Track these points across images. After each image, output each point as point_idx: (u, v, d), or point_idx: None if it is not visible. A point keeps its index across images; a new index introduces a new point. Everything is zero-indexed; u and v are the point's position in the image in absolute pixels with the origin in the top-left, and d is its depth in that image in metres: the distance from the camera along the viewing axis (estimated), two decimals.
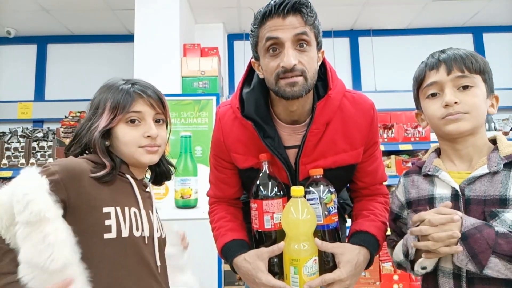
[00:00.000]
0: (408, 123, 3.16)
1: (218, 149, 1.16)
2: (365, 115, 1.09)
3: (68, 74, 4.04)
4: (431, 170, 0.98)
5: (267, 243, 1.01)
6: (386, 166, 3.02)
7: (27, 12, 3.53)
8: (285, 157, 1.06)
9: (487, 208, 0.86)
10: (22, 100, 3.93)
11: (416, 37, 4.13)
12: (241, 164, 1.12)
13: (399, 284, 2.76)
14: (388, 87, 3.99)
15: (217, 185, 1.21)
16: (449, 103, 0.91)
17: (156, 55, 2.91)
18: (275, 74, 0.96)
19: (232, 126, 1.11)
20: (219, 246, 1.11)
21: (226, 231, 1.11)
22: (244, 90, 1.10)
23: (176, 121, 2.73)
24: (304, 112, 1.06)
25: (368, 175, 1.15)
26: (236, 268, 1.06)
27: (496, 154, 0.91)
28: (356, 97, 1.11)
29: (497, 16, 3.91)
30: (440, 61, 0.95)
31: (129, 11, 3.28)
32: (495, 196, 0.86)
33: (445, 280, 0.91)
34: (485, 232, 0.80)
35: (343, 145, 1.07)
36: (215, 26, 3.81)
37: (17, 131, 3.35)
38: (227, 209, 1.19)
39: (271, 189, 1.01)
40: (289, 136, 1.08)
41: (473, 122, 0.91)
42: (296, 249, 0.93)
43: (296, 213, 0.92)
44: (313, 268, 0.93)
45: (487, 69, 0.94)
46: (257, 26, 0.98)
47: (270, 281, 0.95)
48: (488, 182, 0.89)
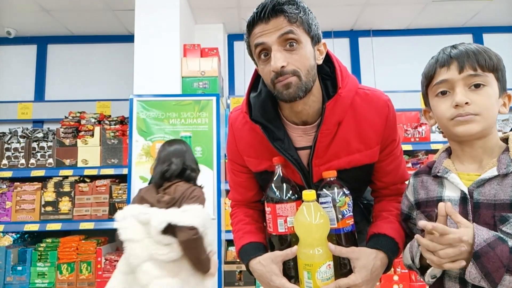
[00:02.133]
0: (408, 123, 3.16)
1: (232, 153, 1.18)
2: (379, 112, 1.04)
3: (68, 75, 4.04)
4: (440, 172, 0.95)
5: (282, 246, 1.00)
6: None
7: (27, 12, 3.53)
8: (296, 158, 1.05)
9: (497, 212, 0.83)
10: (22, 100, 3.93)
11: (416, 38, 4.13)
12: (254, 168, 1.13)
13: (399, 285, 2.76)
14: (388, 87, 3.99)
15: (235, 188, 1.23)
16: (459, 103, 0.86)
17: (156, 55, 2.91)
18: (270, 80, 0.96)
19: (243, 130, 1.12)
20: (237, 248, 1.13)
21: (243, 234, 1.13)
22: (251, 95, 1.10)
23: (176, 121, 2.73)
24: (312, 113, 1.03)
25: (387, 174, 1.11)
26: (252, 271, 1.07)
27: (506, 155, 0.87)
28: (369, 93, 1.06)
29: (497, 16, 3.91)
30: (452, 57, 0.89)
31: (129, 12, 3.28)
32: (505, 200, 0.82)
33: (451, 284, 0.90)
34: (499, 250, 0.77)
35: (357, 145, 1.04)
36: (215, 27, 3.81)
37: (17, 132, 3.35)
38: (246, 212, 1.21)
39: (284, 193, 1.00)
40: (300, 137, 1.07)
41: (484, 124, 0.86)
42: (310, 254, 0.92)
43: (309, 218, 0.90)
44: (327, 273, 0.92)
45: (500, 67, 0.89)
46: (248, 36, 0.99)
47: (284, 284, 0.95)
48: (498, 185, 0.85)
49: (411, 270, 1.00)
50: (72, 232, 3.10)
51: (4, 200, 2.96)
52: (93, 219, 2.88)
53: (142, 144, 2.70)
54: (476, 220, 0.86)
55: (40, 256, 2.84)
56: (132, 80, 2.87)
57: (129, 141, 2.72)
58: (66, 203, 2.91)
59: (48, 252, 2.83)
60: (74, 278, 2.79)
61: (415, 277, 2.78)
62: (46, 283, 2.78)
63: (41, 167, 3.01)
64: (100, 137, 3.03)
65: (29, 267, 2.81)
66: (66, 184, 2.96)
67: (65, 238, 2.92)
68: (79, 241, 2.89)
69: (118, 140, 3.04)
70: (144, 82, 2.86)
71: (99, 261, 2.81)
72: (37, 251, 2.85)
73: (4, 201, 2.96)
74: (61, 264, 2.80)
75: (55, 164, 3.00)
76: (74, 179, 3.02)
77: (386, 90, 4.48)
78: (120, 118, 3.30)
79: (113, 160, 3.00)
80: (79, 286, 2.79)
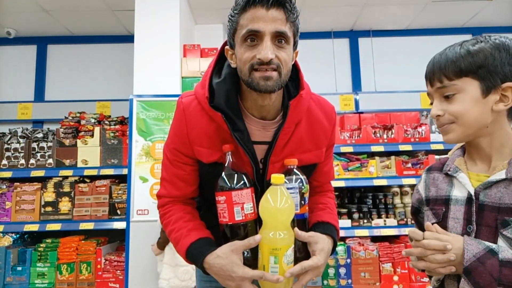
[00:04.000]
0: (408, 123, 3.15)
1: (179, 142, 1.07)
2: (329, 117, 1.13)
3: (68, 75, 4.03)
4: (451, 170, 0.96)
5: (239, 236, 0.97)
6: (386, 167, 3.02)
7: (27, 12, 3.53)
8: (253, 152, 1.04)
9: (500, 216, 0.83)
10: (22, 100, 3.93)
11: (416, 38, 4.13)
12: (205, 159, 1.06)
13: (399, 285, 2.76)
14: (388, 87, 3.99)
15: (174, 182, 1.11)
16: (432, 117, 0.92)
17: (156, 55, 2.91)
18: (249, 65, 0.93)
19: (197, 117, 1.04)
20: (183, 248, 1.02)
21: (188, 232, 1.04)
22: (214, 80, 1.04)
23: None
24: (273, 109, 1.05)
25: (323, 174, 1.20)
26: (207, 267, 0.98)
27: None
28: (321, 100, 1.14)
29: (497, 16, 3.91)
30: (427, 72, 0.94)
31: (129, 12, 3.28)
32: (510, 204, 0.82)
33: (450, 282, 0.92)
34: (488, 264, 0.77)
35: (309, 145, 1.09)
36: (215, 27, 3.82)
37: (17, 132, 3.34)
38: (185, 209, 1.11)
39: (239, 180, 0.98)
40: (258, 131, 1.06)
41: (462, 129, 0.88)
42: (278, 238, 0.91)
43: (279, 201, 0.91)
44: (291, 257, 0.93)
45: (486, 63, 0.85)
46: (237, 12, 0.95)
47: (247, 272, 0.92)
48: (504, 188, 0.84)
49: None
50: (72, 232, 3.10)
51: (4, 201, 2.95)
52: (93, 219, 2.87)
53: (142, 144, 2.70)
54: (479, 221, 0.86)
55: (40, 257, 2.84)
56: (132, 80, 2.87)
57: (129, 141, 2.72)
58: (66, 203, 2.91)
59: (48, 253, 2.83)
60: (74, 278, 2.78)
61: (415, 277, 2.78)
62: (46, 283, 2.78)
63: (41, 167, 3.01)
64: (100, 137, 3.03)
65: (29, 268, 2.81)
66: (66, 185, 2.96)
67: (65, 238, 2.91)
68: (79, 242, 2.89)
69: (118, 140, 3.03)
70: (144, 82, 2.86)
71: (99, 261, 2.80)
72: (37, 251, 2.85)
73: (4, 201, 2.95)
74: (61, 264, 2.79)
75: (55, 164, 3.00)
76: (74, 179, 3.02)
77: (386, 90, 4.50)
78: (120, 118, 3.30)
79: (113, 160, 3.00)
80: (79, 287, 2.78)
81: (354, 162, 3.04)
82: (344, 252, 2.83)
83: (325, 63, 4.10)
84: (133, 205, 2.63)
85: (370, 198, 3.16)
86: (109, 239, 3.09)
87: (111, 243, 3.07)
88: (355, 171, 3.01)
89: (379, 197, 3.14)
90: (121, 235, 2.94)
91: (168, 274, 2.26)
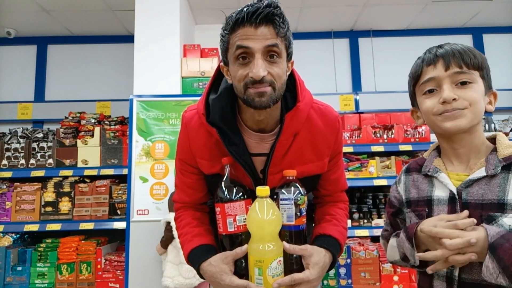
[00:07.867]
0: (408, 123, 3.16)
1: (184, 153, 1.14)
2: (332, 127, 1.11)
3: (68, 75, 4.03)
4: (431, 171, 0.97)
5: (233, 246, 1.00)
6: (386, 167, 3.02)
7: (27, 12, 3.53)
8: (249, 164, 1.06)
9: (484, 212, 0.84)
10: (22, 100, 3.93)
11: (416, 38, 4.13)
12: (206, 170, 1.11)
13: (399, 285, 2.76)
14: (388, 87, 3.99)
15: (183, 189, 1.19)
16: (447, 100, 0.88)
17: (156, 55, 2.91)
18: (243, 83, 0.95)
19: (198, 131, 1.09)
20: (185, 252, 1.10)
21: (192, 237, 1.10)
22: (210, 96, 1.07)
23: (176, 121, 2.73)
24: (271, 122, 1.06)
25: (331, 183, 1.18)
26: (202, 273, 1.05)
27: (494, 156, 0.88)
28: (323, 109, 1.12)
29: (497, 16, 3.91)
30: (438, 56, 0.91)
31: (129, 12, 3.28)
32: (492, 200, 0.84)
33: (439, 283, 0.92)
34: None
35: (310, 156, 1.09)
36: (215, 27, 3.81)
37: (17, 132, 3.35)
38: (194, 215, 1.18)
39: (232, 192, 1.01)
40: (256, 143, 1.08)
41: (472, 118, 0.88)
42: (261, 250, 0.92)
43: (262, 213, 0.91)
44: (277, 269, 0.93)
45: (485, 65, 0.91)
46: (228, 32, 0.97)
47: (233, 281, 0.95)
48: (485, 185, 0.86)
49: (394, 264, 1.03)
50: (72, 232, 3.10)
51: (4, 201, 2.96)
52: (93, 219, 2.88)
53: (142, 145, 2.70)
54: None
55: (40, 257, 2.84)
56: (132, 80, 2.87)
57: (129, 142, 2.72)
58: (66, 203, 2.91)
59: (48, 253, 2.83)
60: (74, 278, 2.78)
61: (415, 277, 2.78)
62: (46, 283, 2.78)
63: (41, 167, 3.01)
64: (100, 138, 3.03)
65: (29, 268, 2.81)
66: (66, 185, 2.96)
67: (65, 238, 2.91)
68: (79, 242, 2.89)
69: (118, 141, 3.04)
70: (144, 82, 2.86)
71: (99, 261, 2.80)
72: (37, 251, 2.85)
73: (4, 201, 2.95)
74: (61, 264, 2.79)
75: (55, 164, 3.00)
76: (74, 179, 3.02)
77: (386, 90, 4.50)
78: (120, 118, 3.30)
79: (113, 161, 3.00)
80: (79, 287, 2.78)
81: (354, 162, 3.04)
82: (344, 252, 2.83)
83: (325, 63, 4.10)
84: (133, 205, 2.63)
85: (370, 198, 3.17)
86: (109, 239, 3.09)
87: (111, 243, 3.07)
88: (355, 171, 3.01)
89: (379, 197, 3.14)
90: (121, 235, 2.94)
91: (172, 272, 2.27)
